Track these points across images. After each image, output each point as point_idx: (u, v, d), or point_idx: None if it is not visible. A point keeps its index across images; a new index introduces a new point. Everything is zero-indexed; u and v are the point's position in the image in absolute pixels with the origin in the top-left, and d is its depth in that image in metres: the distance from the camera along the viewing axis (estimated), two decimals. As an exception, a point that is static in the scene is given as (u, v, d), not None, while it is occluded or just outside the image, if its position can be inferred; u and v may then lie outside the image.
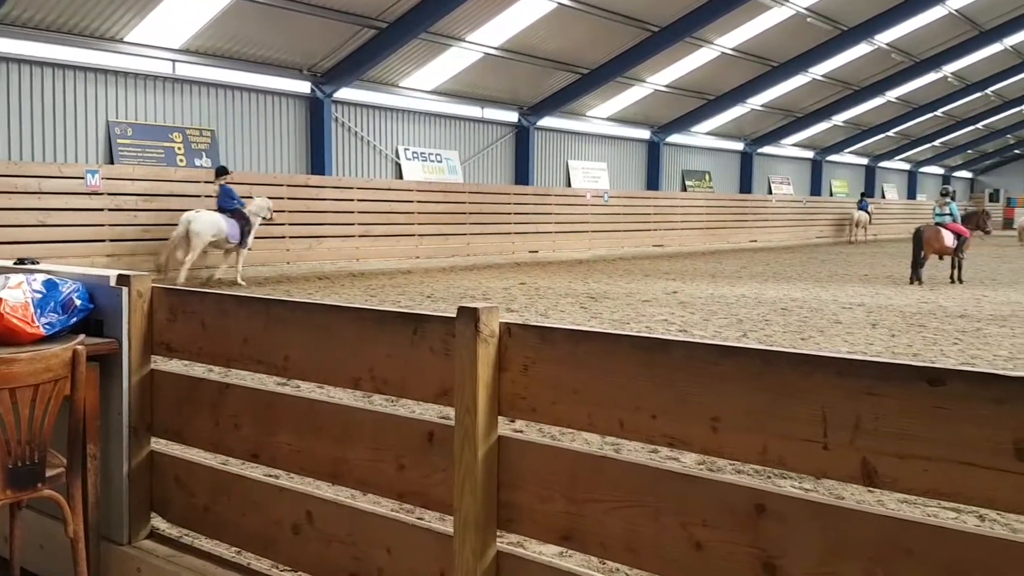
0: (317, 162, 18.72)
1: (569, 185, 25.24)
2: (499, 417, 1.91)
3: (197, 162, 16.63)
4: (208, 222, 13.47)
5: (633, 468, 1.75)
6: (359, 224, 18.47)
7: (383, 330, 2.09)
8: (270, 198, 15.74)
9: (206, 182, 16.13)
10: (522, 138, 23.61)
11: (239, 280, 14.20)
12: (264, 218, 14.92)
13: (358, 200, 18.57)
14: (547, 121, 24.03)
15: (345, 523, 2.19)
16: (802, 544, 1.53)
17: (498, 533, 1.96)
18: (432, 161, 21.54)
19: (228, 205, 14.08)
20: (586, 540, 1.77)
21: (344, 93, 19.14)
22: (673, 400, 1.69)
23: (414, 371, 2.05)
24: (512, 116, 23.43)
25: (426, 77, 20.34)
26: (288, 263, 17.29)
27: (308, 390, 5.12)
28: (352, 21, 17.08)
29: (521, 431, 5.07)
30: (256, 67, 17.56)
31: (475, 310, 1.86)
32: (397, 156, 20.70)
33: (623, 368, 1.75)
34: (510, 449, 1.89)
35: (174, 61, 16.43)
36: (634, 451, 4.58)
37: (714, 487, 1.64)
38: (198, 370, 3.89)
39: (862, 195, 35.23)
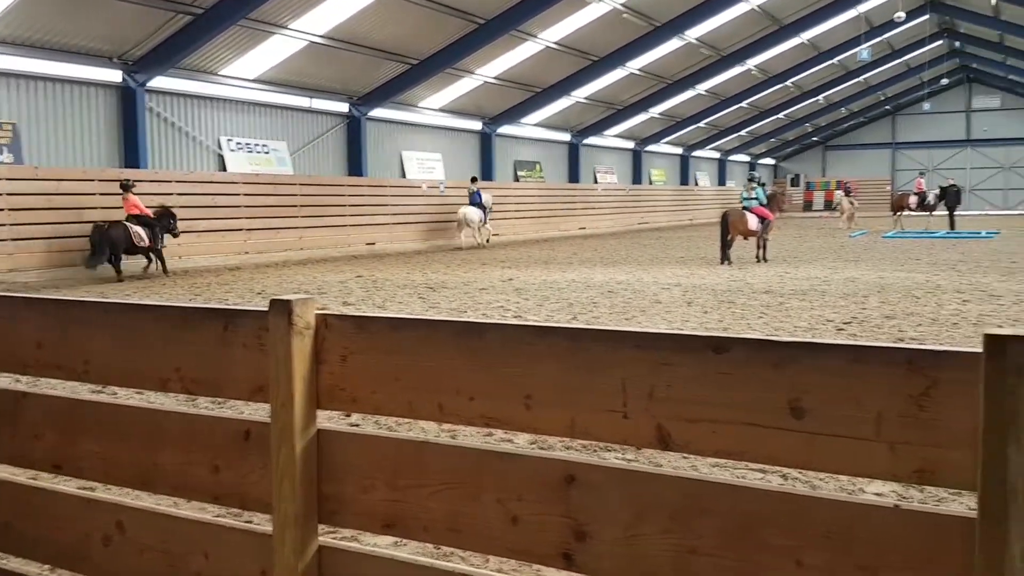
0: (131, 155, 17.62)
1: (404, 176, 25.11)
2: (318, 410, 1.89)
3: (-4, 157, 15.22)
4: (474, 211, 23.47)
5: (453, 451, 1.79)
6: (180, 219, 17.56)
7: (190, 328, 2.02)
8: (83, 194, 15.92)
9: (8, 179, 14.87)
10: (354, 128, 23.24)
11: (490, 239, 24.74)
12: (490, 208, 24.12)
13: (178, 194, 17.64)
14: (379, 111, 23.76)
15: (159, 531, 2.10)
16: (610, 510, 1.62)
17: (326, 528, 1.94)
18: (258, 152, 20.77)
19: (476, 201, 23.59)
20: (409, 526, 1.79)
21: (159, 82, 18.09)
22: (490, 381, 1.73)
23: (227, 369, 1.98)
24: (342, 106, 22.99)
25: (248, 65, 19.57)
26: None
27: (126, 395, 4.84)
28: (165, 7, 16.17)
29: (358, 424, 5.03)
30: (61, 56, 16.27)
31: (288, 302, 1.82)
32: (219, 147, 19.81)
33: (441, 353, 1.77)
34: (330, 442, 1.87)
35: (-34, 49, 14.95)
36: (470, 435, 4.65)
37: (528, 462, 1.70)
38: (4, 381, 3.59)
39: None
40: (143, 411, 2.17)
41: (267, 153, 20.98)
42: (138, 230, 14.88)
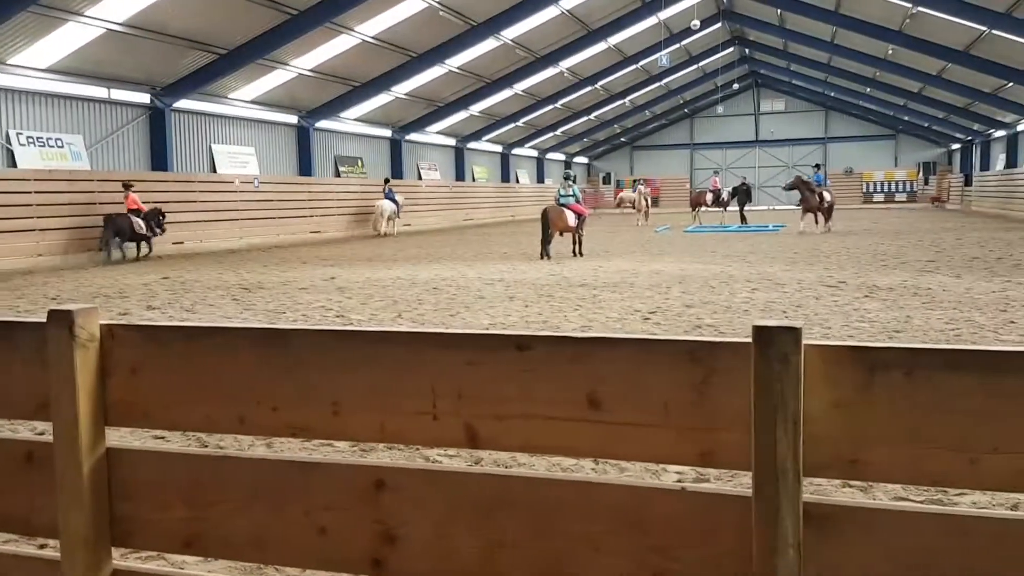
0: (-101, 150, 15.68)
1: (214, 171, 23.92)
2: (108, 428, 1.77)
3: None
4: (388, 204, 27.62)
5: (255, 464, 1.73)
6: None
7: (-41, 344, 1.83)
8: None
9: None
10: (157, 121, 21.86)
11: (396, 233, 28.14)
12: (402, 205, 28.74)
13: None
14: (185, 103, 22.50)
15: (-71, 568, 1.90)
16: (420, 512, 1.63)
17: (126, 550, 1.83)
18: (52, 146, 19.10)
19: (391, 197, 27.94)
20: (210, 544, 1.72)
21: (-67, 71, 16.24)
22: (294, 390, 1.69)
23: (5, 386, 1.82)
24: (144, 97, 21.57)
25: (39, 54, 17.94)
26: None
27: None
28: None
29: (163, 437, 4.75)
30: None
31: (69, 313, 1.69)
32: (8, 142, 18.04)
33: (241, 362, 1.71)
34: (121, 460, 1.76)
35: None
36: (288, 445, 4.51)
37: (335, 470, 1.68)
38: None
39: (620, 181, 38.36)
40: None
41: (61, 147, 19.33)
42: (138, 221, 18.47)
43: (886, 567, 1.42)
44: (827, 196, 24.04)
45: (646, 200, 33.98)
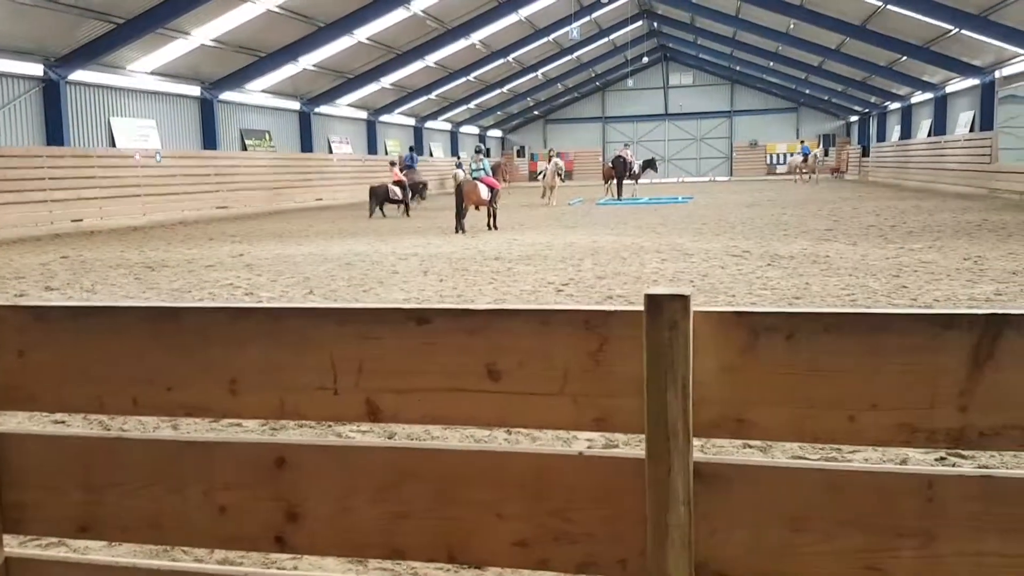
0: None
1: (114, 145, 22.93)
2: (-7, 412, 1.71)
3: None
4: (462, 173, 24.65)
5: (151, 445, 1.69)
6: None
7: None
8: None
9: None
10: (51, 93, 20.76)
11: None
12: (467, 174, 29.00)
13: None
14: (81, 75, 21.42)
15: None
16: (321, 487, 1.63)
17: (24, 537, 1.77)
18: (-71, 120, 17.95)
19: (462, 168, 27.77)
20: (106, 528, 1.68)
21: None
22: (189, 369, 1.66)
23: None
24: (37, 69, 20.44)
25: (-91, 17, 16.76)
26: None
27: None
28: None
29: (64, 421, 4.58)
30: None
31: (-55, 295, 1.62)
32: None
33: (133, 341, 1.66)
34: (9, 445, 1.70)
35: None
36: (193, 426, 4.41)
37: (235, 448, 1.66)
38: None
39: (553, 153, 38.17)
40: None
41: (-59, 120, 18.19)
42: (395, 189, 23.84)
43: (772, 519, 1.49)
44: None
45: (559, 175, 29.51)
